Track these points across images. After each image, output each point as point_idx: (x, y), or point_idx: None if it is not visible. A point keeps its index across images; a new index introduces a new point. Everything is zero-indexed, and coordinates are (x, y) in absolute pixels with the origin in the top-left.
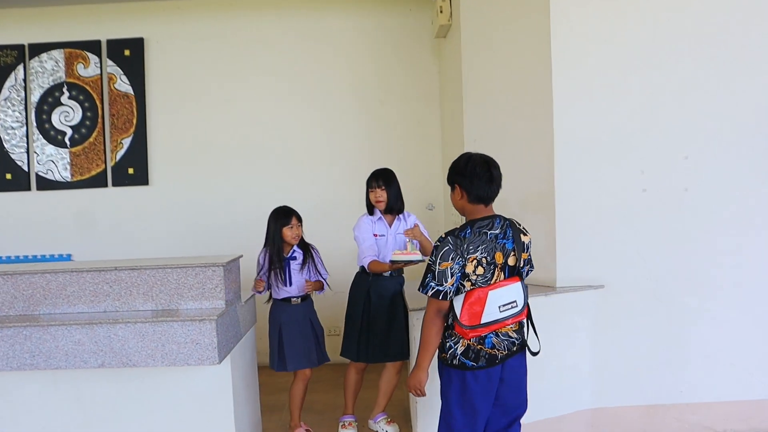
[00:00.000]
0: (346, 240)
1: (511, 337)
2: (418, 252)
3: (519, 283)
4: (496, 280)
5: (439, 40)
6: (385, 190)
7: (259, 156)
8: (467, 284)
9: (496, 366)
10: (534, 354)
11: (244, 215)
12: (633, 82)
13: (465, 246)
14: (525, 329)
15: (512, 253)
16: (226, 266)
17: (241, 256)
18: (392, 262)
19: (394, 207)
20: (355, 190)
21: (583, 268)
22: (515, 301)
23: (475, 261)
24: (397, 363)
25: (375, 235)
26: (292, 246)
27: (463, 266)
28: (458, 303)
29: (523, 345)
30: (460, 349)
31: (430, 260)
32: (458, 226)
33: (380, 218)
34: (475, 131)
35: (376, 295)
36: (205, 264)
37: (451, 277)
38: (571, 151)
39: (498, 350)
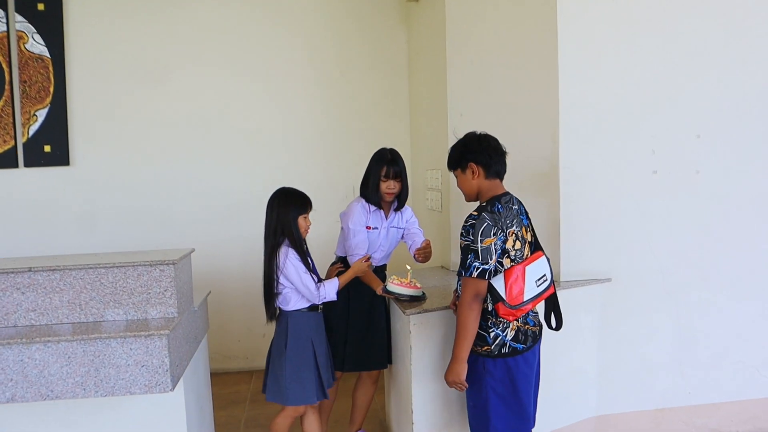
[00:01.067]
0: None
1: (537, 313)
2: (420, 287)
3: (544, 257)
4: (527, 255)
5: (411, 4)
6: (400, 182)
7: (202, 133)
8: (506, 261)
9: (537, 343)
10: (557, 329)
11: (186, 202)
12: (643, 52)
13: (503, 220)
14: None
15: (528, 229)
16: (177, 264)
17: (193, 250)
18: (386, 291)
19: (402, 200)
20: (313, 170)
21: (588, 260)
22: (545, 275)
23: (514, 235)
24: (374, 372)
25: (368, 228)
26: None
27: (505, 241)
28: (499, 284)
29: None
30: (510, 335)
31: (467, 240)
32: (483, 204)
33: (377, 209)
34: (461, 104)
35: (356, 293)
36: (151, 262)
37: (495, 254)
38: (578, 127)
39: (536, 327)
